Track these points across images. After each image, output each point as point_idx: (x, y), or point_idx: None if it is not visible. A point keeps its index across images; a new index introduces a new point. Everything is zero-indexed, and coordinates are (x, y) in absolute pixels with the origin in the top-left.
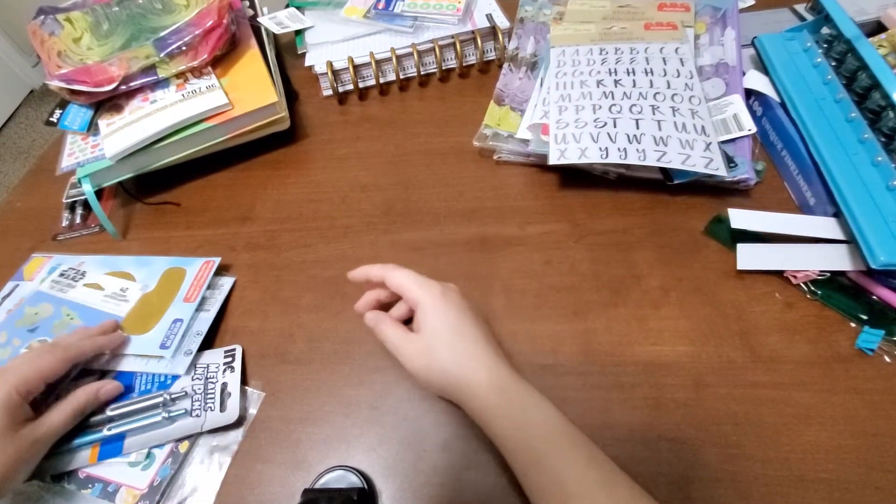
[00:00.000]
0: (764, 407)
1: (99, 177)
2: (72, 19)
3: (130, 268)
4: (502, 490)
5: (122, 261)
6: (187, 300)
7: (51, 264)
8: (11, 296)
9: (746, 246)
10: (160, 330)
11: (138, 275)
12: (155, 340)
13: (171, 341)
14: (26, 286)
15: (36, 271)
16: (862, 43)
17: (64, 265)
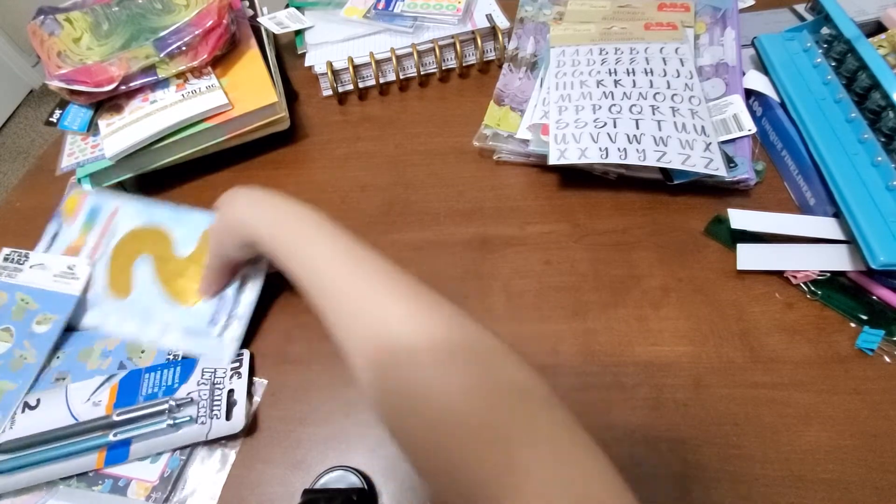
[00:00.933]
0: (764, 407)
1: (99, 177)
2: (72, 19)
3: (166, 222)
4: None
5: (158, 212)
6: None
7: (89, 203)
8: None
9: (746, 246)
10: (210, 303)
11: (175, 233)
12: (203, 314)
13: (219, 318)
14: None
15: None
16: (862, 43)
17: (96, 204)
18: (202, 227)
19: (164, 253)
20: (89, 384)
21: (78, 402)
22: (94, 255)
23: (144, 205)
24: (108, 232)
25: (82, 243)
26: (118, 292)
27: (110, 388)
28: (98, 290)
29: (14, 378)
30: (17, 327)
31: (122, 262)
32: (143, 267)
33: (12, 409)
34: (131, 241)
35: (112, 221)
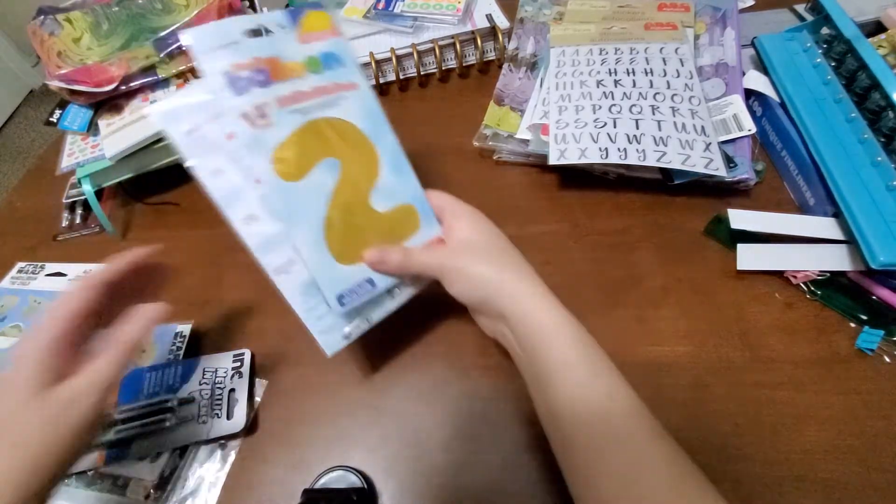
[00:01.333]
0: (764, 407)
1: (99, 177)
2: (72, 19)
3: (386, 156)
4: (502, 490)
5: (385, 138)
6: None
7: (337, 45)
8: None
9: (746, 246)
10: (358, 275)
11: (385, 177)
12: (340, 282)
13: (349, 301)
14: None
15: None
16: (862, 43)
17: (344, 52)
18: (415, 200)
19: (360, 184)
20: None
21: None
22: (285, 103)
23: (379, 117)
24: (329, 93)
25: (298, 75)
26: (284, 168)
27: None
28: (263, 147)
29: None
30: (27, 325)
31: (310, 143)
32: (324, 173)
33: None
34: (335, 133)
35: (340, 91)
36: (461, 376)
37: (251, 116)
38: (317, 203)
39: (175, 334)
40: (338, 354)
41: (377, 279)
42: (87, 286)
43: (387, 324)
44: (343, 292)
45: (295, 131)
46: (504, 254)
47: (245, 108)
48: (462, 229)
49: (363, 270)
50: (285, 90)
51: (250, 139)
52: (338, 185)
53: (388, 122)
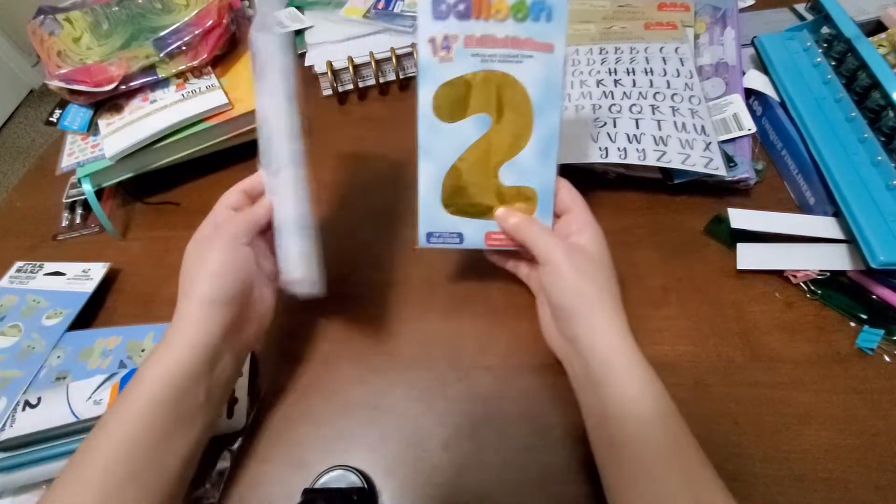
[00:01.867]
0: (764, 406)
1: (99, 177)
2: (72, 19)
3: (542, 129)
4: (502, 490)
5: (550, 116)
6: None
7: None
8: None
9: (746, 246)
10: (455, 222)
11: (533, 145)
12: (440, 222)
13: (438, 241)
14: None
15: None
16: (862, 42)
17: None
18: (543, 189)
19: (499, 151)
20: (90, 383)
21: (79, 401)
22: (471, 44)
23: (556, 92)
24: (520, 48)
25: (500, 17)
26: (439, 106)
27: (112, 387)
28: (433, 78)
29: (21, 366)
30: (27, 323)
31: (473, 93)
32: (471, 127)
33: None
34: (503, 91)
35: (532, 49)
36: (461, 376)
37: (436, 45)
38: (452, 149)
39: None
40: (338, 354)
41: (467, 236)
42: (232, 189)
43: (387, 324)
44: (433, 232)
45: (466, 75)
46: (609, 281)
47: (434, 34)
48: (583, 235)
49: (459, 223)
50: (478, 30)
51: (426, 65)
52: (478, 141)
53: (562, 99)
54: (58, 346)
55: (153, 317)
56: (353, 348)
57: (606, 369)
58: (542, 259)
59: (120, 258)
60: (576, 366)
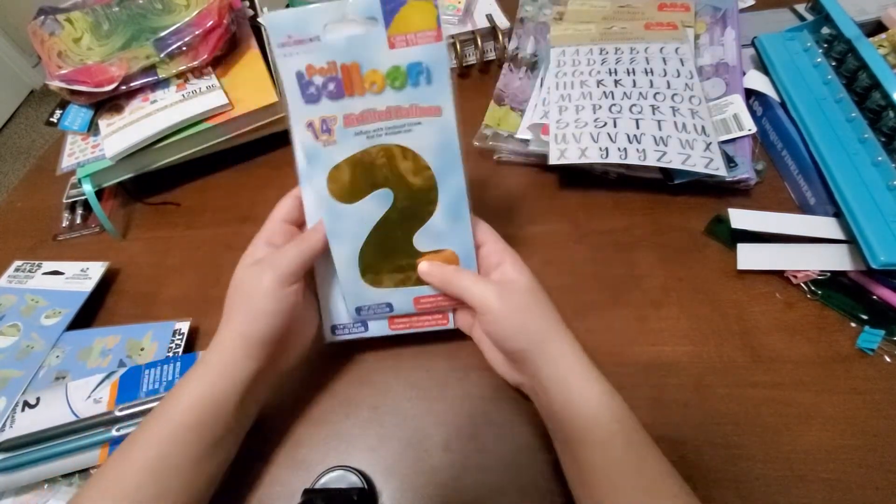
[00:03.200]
0: (764, 407)
1: (99, 177)
2: (72, 19)
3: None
4: (502, 490)
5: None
6: None
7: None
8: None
9: (746, 246)
10: (381, 294)
11: (441, 206)
12: (367, 297)
13: (368, 314)
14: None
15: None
16: (862, 43)
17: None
18: (461, 249)
19: (408, 221)
20: (90, 381)
21: (78, 400)
22: (352, 123)
23: (453, 154)
24: (405, 117)
25: (376, 89)
26: (336, 189)
27: (111, 385)
28: (322, 163)
29: (20, 366)
30: (25, 323)
31: (368, 170)
32: (374, 203)
33: (17, 396)
34: (398, 162)
35: (418, 116)
36: (461, 376)
37: (315, 129)
38: (360, 228)
39: (174, 332)
40: (338, 354)
41: (396, 305)
42: (287, 198)
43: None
44: (362, 306)
45: (355, 155)
46: (547, 307)
47: (312, 118)
48: (505, 265)
49: (386, 294)
50: (356, 107)
51: (311, 151)
52: (385, 215)
53: (461, 160)
54: (57, 345)
55: (153, 317)
56: (354, 348)
57: (566, 397)
58: (478, 308)
59: (120, 258)
60: (539, 396)
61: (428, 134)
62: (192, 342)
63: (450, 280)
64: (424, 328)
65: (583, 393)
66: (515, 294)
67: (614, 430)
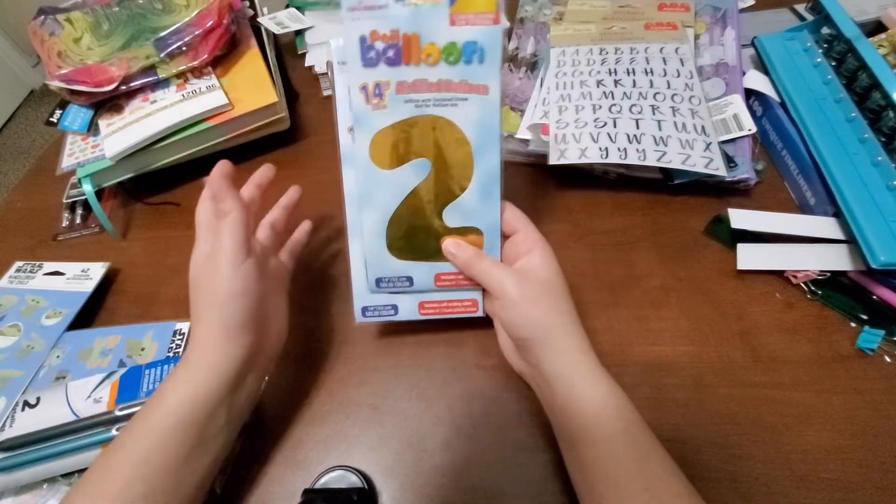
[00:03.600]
0: (764, 407)
1: (99, 177)
2: (72, 19)
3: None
4: (502, 490)
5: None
6: None
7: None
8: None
9: (746, 246)
10: (403, 266)
11: (476, 184)
12: (388, 268)
13: (388, 287)
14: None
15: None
16: (862, 43)
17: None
18: (488, 229)
19: (441, 194)
20: (90, 381)
21: (79, 400)
22: (403, 90)
23: (493, 134)
24: (453, 91)
25: (431, 61)
26: (377, 153)
27: (111, 385)
28: (368, 125)
29: (20, 366)
30: (26, 323)
31: (410, 138)
32: (411, 172)
33: (17, 395)
34: (440, 135)
35: (465, 92)
36: (461, 376)
37: (369, 92)
38: (393, 196)
39: (174, 332)
40: (338, 354)
41: (416, 279)
42: (202, 198)
43: (387, 324)
44: (382, 277)
45: (401, 121)
46: (563, 301)
47: (366, 81)
48: (534, 255)
49: (407, 267)
50: (410, 75)
51: (361, 113)
52: (419, 186)
53: (500, 141)
54: (57, 345)
55: (153, 317)
56: (353, 348)
57: (569, 392)
58: (495, 293)
59: (120, 258)
60: (543, 388)
61: (473, 110)
62: None
63: (472, 262)
64: (454, 315)
65: (586, 389)
66: (534, 284)
67: (617, 427)
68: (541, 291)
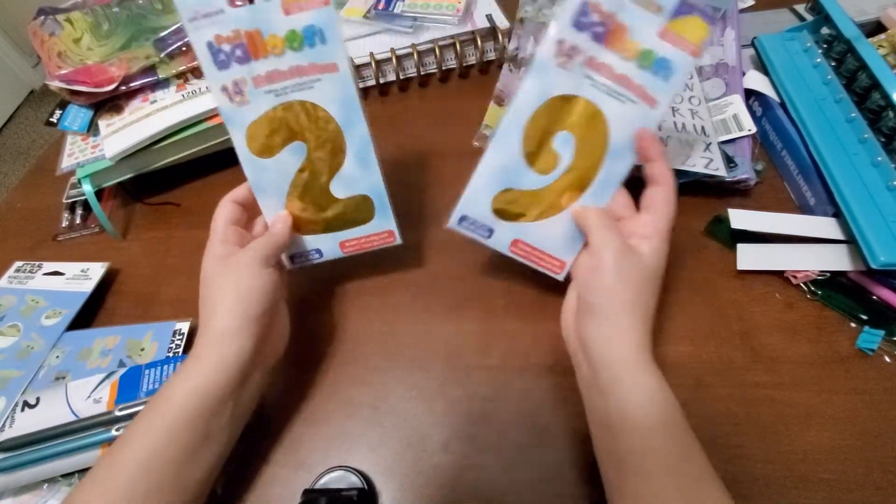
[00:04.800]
0: (764, 407)
1: (99, 177)
2: (72, 20)
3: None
4: (502, 490)
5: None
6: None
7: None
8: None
9: (746, 246)
10: (309, 241)
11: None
12: (296, 244)
13: (300, 261)
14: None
15: None
16: (862, 43)
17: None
18: (373, 192)
19: (322, 170)
20: (89, 381)
21: (78, 400)
22: (261, 83)
23: (353, 105)
24: (306, 74)
25: (277, 52)
26: (254, 145)
27: (111, 385)
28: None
29: (20, 366)
30: (26, 323)
31: (280, 125)
32: (290, 155)
33: (17, 396)
34: (307, 117)
35: (318, 73)
36: (461, 376)
37: (230, 92)
38: (281, 180)
39: (174, 332)
40: (338, 354)
41: (324, 249)
42: (223, 203)
43: (386, 324)
44: (294, 253)
45: (267, 112)
46: (649, 295)
47: (225, 82)
48: (649, 242)
49: (312, 241)
50: (262, 69)
51: (228, 113)
52: (301, 166)
53: (362, 110)
54: (57, 345)
55: (153, 317)
56: (353, 348)
57: (614, 376)
58: (593, 251)
59: (120, 258)
60: (584, 367)
61: (330, 88)
62: (192, 342)
63: (580, 217)
64: (539, 268)
65: (635, 377)
66: (633, 263)
67: (660, 421)
68: (635, 273)
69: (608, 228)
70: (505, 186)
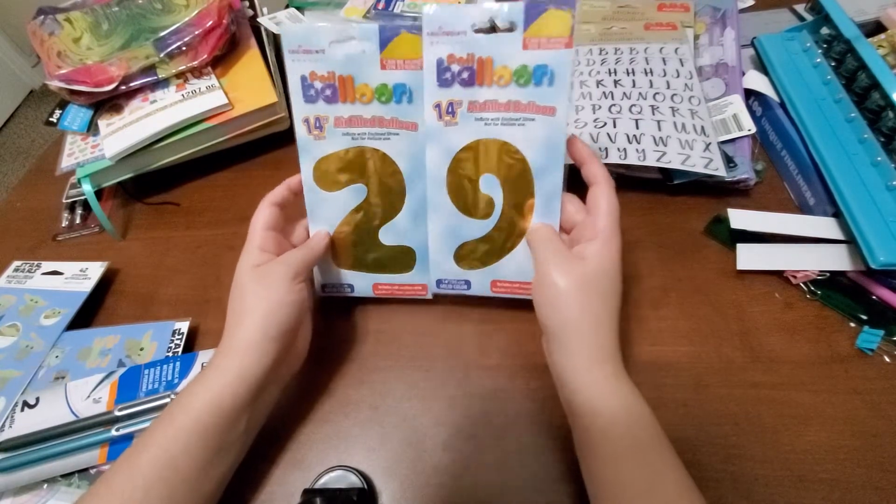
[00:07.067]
0: (764, 407)
1: (99, 177)
2: (72, 19)
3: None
4: (502, 490)
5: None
6: None
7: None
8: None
9: (746, 246)
10: (345, 274)
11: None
12: (333, 274)
13: (332, 291)
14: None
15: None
16: (861, 43)
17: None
18: (419, 247)
19: (376, 216)
20: (89, 381)
21: (78, 400)
22: (342, 124)
23: (422, 163)
24: (391, 127)
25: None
26: (319, 177)
27: (110, 385)
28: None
29: (19, 366)
30: (25, 322)
31: (350, 165)
32: (349, 195)
33: (17, 396)
34: (379, 164)
35: (400, 128)
36: (461, 376)
37: (310, 124)
38: (335, 214)
39: (173, 332)
40: (338, 354)
41: (357, 286)
42: (263, 206)
43: (386, 323)
44: (327, 283)
45: (339, 151)
46: (598, 300)
47: (307, 115)
48: (593, 245)
49: (348, 276)
50: (345, 112)
51: (304, 142)
52: (358, 206)
53: (425, 167)
54: (56, 345)
55: (152, 317)
56: (353, 348)
57: (574, 399)
58: (535, 268)
59: (119, 258)
60: (558, 388)
61: (402, 144)
62: (191, 342)
63: (535, 233)
64: (526, 296)
65: (595, 401)
66: (577, 274)
67: (626, 445)
68: (580, 283)
69: (543, 241)
70: (458, 243)
